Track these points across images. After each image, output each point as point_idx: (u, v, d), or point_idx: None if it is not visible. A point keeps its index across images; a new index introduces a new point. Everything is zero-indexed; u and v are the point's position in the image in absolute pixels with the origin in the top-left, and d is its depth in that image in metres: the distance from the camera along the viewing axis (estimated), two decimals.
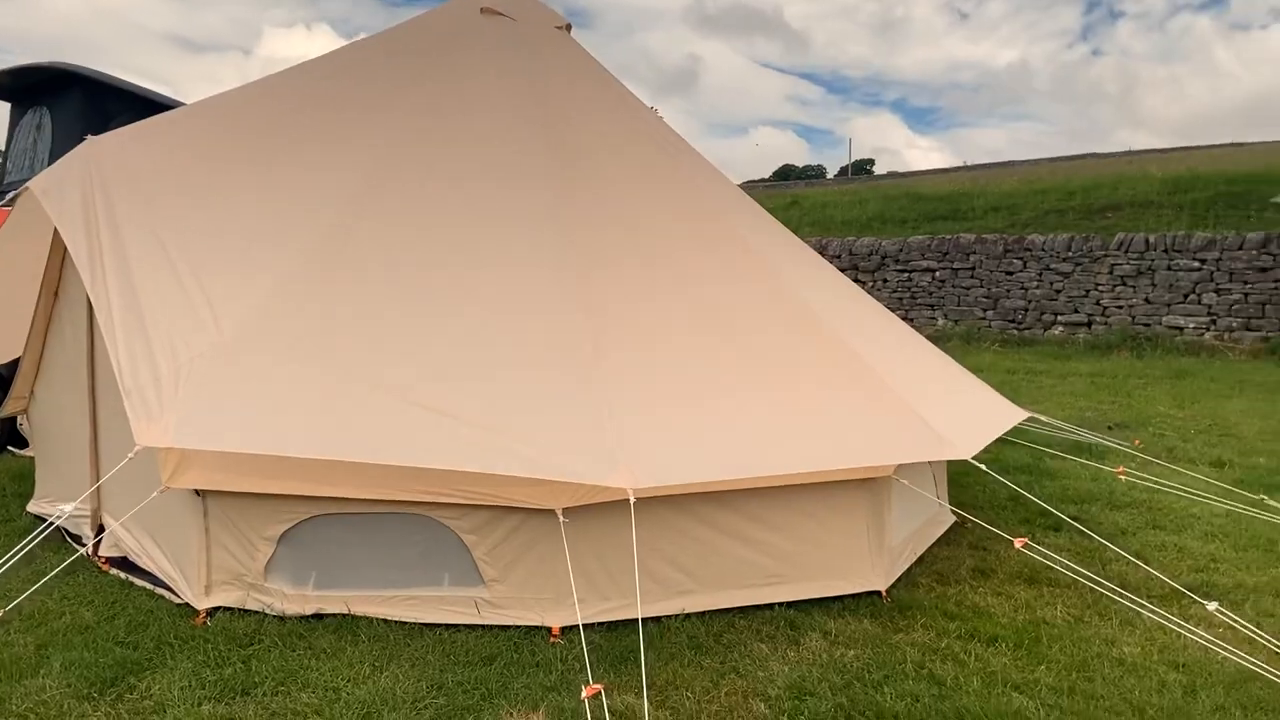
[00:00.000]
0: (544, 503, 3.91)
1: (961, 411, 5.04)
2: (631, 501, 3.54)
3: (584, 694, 2.90)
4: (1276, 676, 3.33)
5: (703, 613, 4.17)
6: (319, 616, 4.08)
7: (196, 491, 4.12)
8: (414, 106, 5.35)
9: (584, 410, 3.93)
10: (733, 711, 3.37)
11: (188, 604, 4.19)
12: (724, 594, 4.26)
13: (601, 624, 4.00)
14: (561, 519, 3.82)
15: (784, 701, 3.42)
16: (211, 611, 4.12)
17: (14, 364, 5.99)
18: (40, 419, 5.89)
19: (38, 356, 5.64)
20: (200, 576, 4.16)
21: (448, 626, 4.02)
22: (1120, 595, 3.93)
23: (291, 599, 4.13)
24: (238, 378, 3.85)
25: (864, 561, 4.45)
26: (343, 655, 3.76)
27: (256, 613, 4.12)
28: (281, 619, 4.06)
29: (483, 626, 4.02)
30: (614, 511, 3.92)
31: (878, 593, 4.39)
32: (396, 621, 4.04)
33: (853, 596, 4.35)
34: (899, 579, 4.56)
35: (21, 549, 3.85)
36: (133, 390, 3.65)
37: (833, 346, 4.72)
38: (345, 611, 4.09)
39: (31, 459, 6.18)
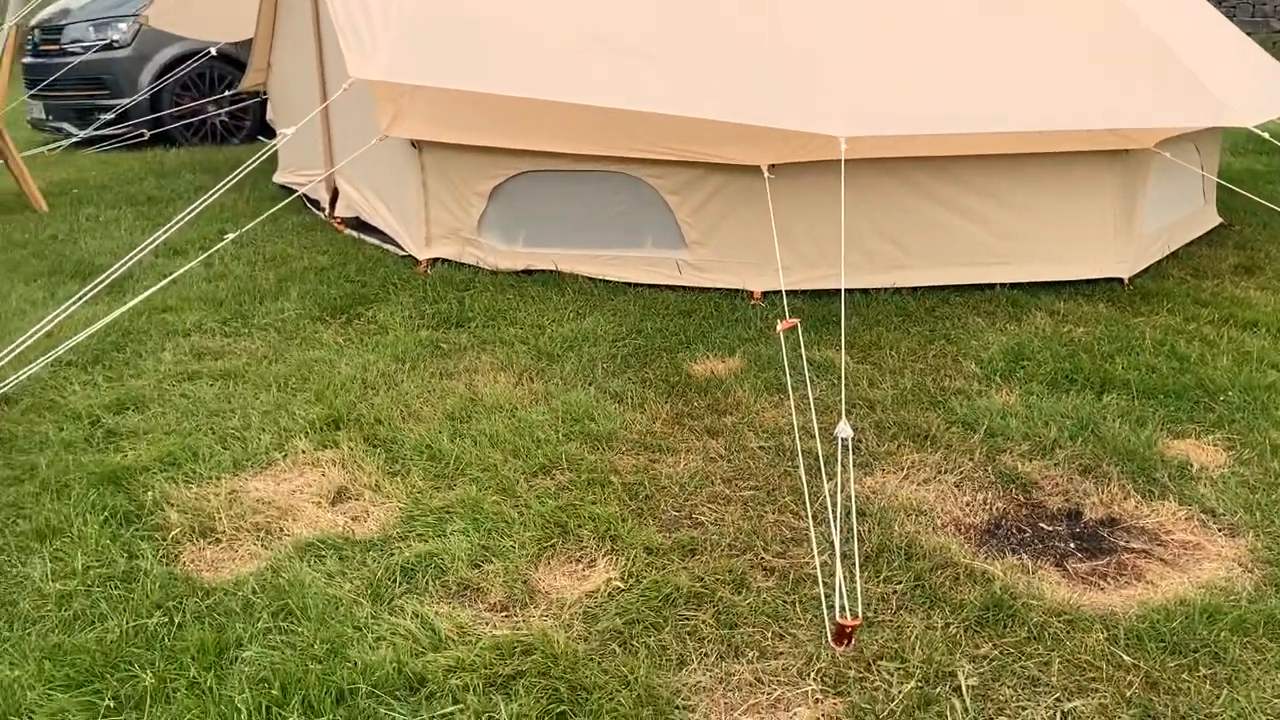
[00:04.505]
0: (749, 159, 3.71)
1: (1248, 80, 4.27)
2: (842, 148, 3.25)
3: (780, 327, 2.80)
4: None
5: (914, 288, 3.95)
6: (528, 272, 4.19)
7: (414, 144, 4.21)
8: None
9: (793, 58, 3.60)
10: (940, 371, 3.20)
11: (410, 256, 4.41)
12: (940, 271, 3.99)
13: (805, 291, 3.87)
14: (767, 175, 3.60)
15: (998, 363, 3.21)
16: (432, 262, 4.32)
17: (248, 44, 6.27)
18: (277, 91, 6.21)
19: (270, 27, 5.84)
20: (421, 229, 4.33)
21: (649, 286, 4.02)
22: None
23: (503, 254, 4.24)
24: (446, 19, 3.76)
25: (1106, 245, 4.01)
26: (549, 301, 3.86)
27: (471, 266, 4.28)
28: (494, 272, 4.20)
29: (683, 287, 3.99)
30: (823, 173, 3.68)
31: (1118, 280, 3.98)
32: (600, 280, 4.09)
33: (1087, 282, 3.96)
34: (1145, 269, 4.11)
35: (269, 214, 4.34)
36: (346, 26, 3.67)
37: None
38: (552, 268, 4.17)
39: None
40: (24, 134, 8.60)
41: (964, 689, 1.79)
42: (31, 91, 8.39)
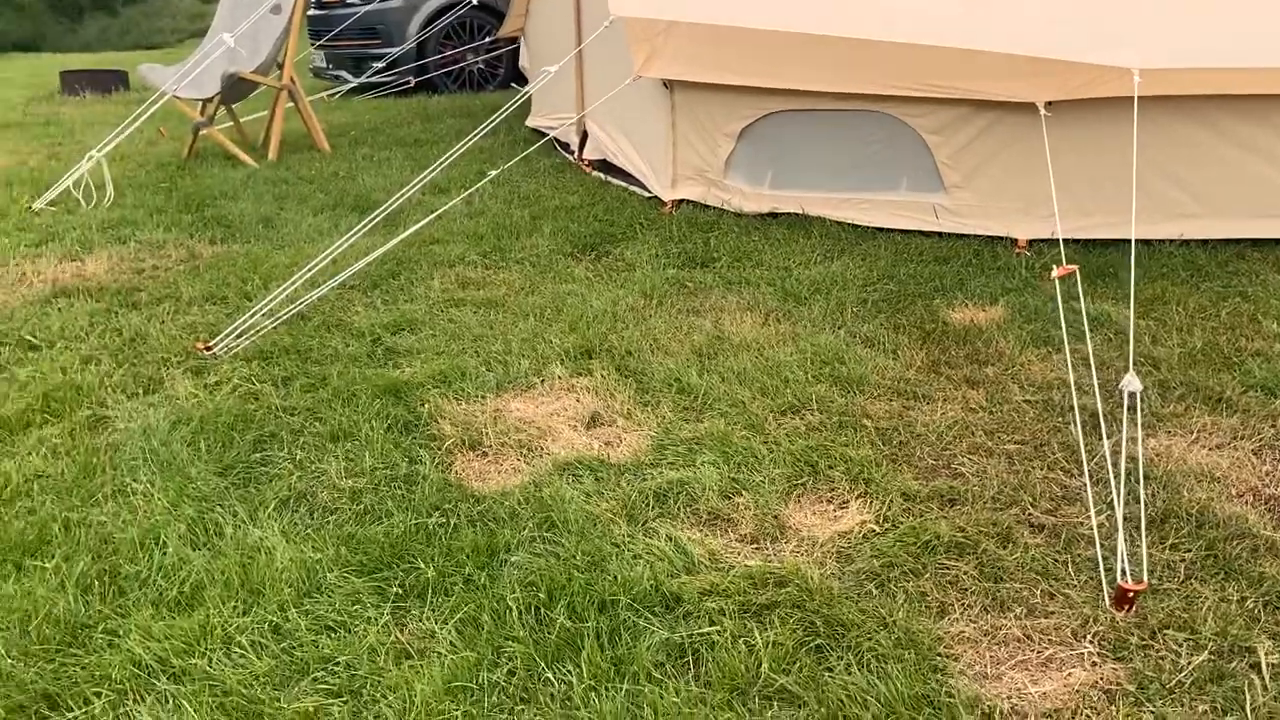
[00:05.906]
0: (1024, 96, 3.46)
1: None
2: (1136, 81, 2.97)
3: (1055, 273, 2.61)
4: None
5: (1205, 241, 3.58)
6: (773, 215, 4.13)
7: (665, 85, 4.23)
8: None
9: None
10: (1234, 329, 2.89)
11: (656, 197, 4.47)
12: (1235, 222, 3.59)
13: (1077, 241, 3.59)
14: (1043, 113, 3.35)
15: None
16: (677, 204, 4.35)
17: None
18: (534, 36, 6.42)
19: None
20: (668, 170, 4.37)
21: (900, 231, 3.87)
22: None
23: (749, 197, 4.21)
24: None
25: None
26: (795, 244, 3.79)
27: (715, 208, 4.27)
28: (738, 214, 4.18)
29: (937, 233, 3.81)
30: (1107, 111, 3.38)
31: None
32: (849, 224, 3.97)
33: None
34: None
35: (523, 156, 4.53)
36: None
37: None
38: (799, 211, 4.09)
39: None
40: (307, 82, 9.37)
41: (1264, 666, 1.62)
42: (317, 44, 9.13)
